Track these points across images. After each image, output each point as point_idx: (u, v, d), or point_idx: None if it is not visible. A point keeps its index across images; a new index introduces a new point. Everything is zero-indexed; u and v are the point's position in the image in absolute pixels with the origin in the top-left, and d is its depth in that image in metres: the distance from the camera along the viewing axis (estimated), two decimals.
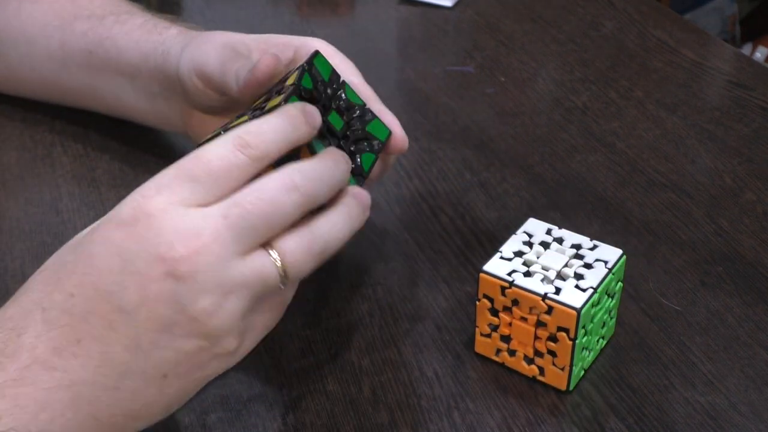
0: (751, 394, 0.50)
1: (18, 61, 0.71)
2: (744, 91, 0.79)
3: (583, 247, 0.52)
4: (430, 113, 0.76)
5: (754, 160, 0.70)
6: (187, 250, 0.39)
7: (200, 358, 0.41)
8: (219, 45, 0.57)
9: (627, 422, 0.49)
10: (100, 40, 0.66)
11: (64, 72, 0.69)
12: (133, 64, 0.64)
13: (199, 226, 0.39)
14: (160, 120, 0.67)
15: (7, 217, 0.64)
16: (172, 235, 0.39)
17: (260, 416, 0.49)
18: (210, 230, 0.39)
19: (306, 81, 0.49)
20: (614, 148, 0.71)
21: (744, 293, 0.57)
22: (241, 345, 0.42)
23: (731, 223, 0.63)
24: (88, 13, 0.68)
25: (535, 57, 0.85)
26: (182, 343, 0.40)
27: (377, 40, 0.89)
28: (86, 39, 0.67)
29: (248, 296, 0.41)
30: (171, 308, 0.39)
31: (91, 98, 0.70)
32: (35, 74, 0.71)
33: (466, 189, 0.67)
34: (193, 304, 0.39)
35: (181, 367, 0.40)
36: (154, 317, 0.39)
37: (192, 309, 0.39)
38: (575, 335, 0.48)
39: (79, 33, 0.67)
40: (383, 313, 0.56)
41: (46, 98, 0.73)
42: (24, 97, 0.75)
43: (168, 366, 0.40)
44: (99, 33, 0.66)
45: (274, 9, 0.94)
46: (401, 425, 0.49)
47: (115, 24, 0.66)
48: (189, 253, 0.39)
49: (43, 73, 0.70)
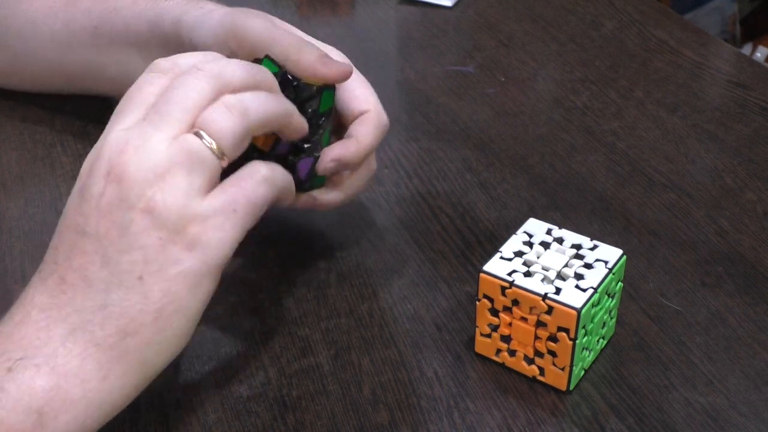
0: (751, 394, 0.50)
1: (22, 49, 0.71)
2: (744, 91, 0.79)
3: (583, 247, 0.51)
4: (430, 113, 0.76)
5: (754, 160, 0.70)
6: (117, 154, 0.43)
7: (167, 251, 0.43)
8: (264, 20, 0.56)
9: (627, 422, 0.49)
10: (105, 13, 0.66)
11: (70, 53, 0.69)
12: (141, 33, 0.64)
13: (125, 133, 0.44)
14: None
15: (7, 217, 0.64)
16: (105, 150, 0.44)
17: (260, 416, 0.49)
18: (133, 133, 0.44)
19: None
20: (614, 148, 0.71)
21: (744, 293, 0.57)
22: (206, 231, 0.44)
23: (731, 223, 0.63)
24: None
25: (535, 57, 0.85)
26: (143, 239, 0.43)
27: (377, 40, 0.89)
28: (91, 15, 0.67)
29: (185, 173, 0.44)
30: (120, 210, 0.43)
31: (98, 77, 0.70)
32: (39, 60, 0.71)
33: (466, 189, 0.67)
34: (138, 198, 0.43)
35: (152, 265, 0.43)
36: (111, 226, 0.43)
37: (138, 203, 0.43)
38: (575, 335, 0.48)
39: (84, 10, 0.67)
40: (383, 313, 0.56)
41: (50, 86, 0.73)
42: (27, 90, 0.75)
43: (139, 266, 0.43)
44: (105, 7, 0.66)
45: (274, 9, 0.94)
46: (401, 425, 0.49)
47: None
48: (119, 157, 0.43)
49: (48, 57, 0.70)
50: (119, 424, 0.49)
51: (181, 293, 0.44)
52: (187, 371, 0.52)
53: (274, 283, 0.58)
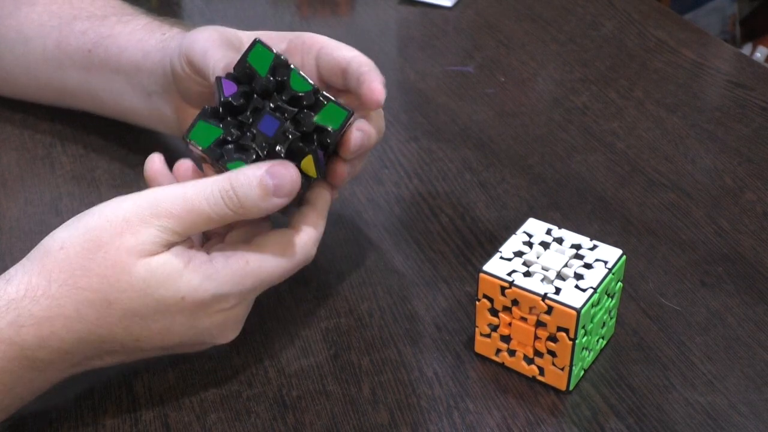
0: (751, 394, 0.50)
1: (14, 63, 0.71)
2: (744, 91, 0.79)
3: (583, 247, 0.52)
4: (430, 113, 0.76)
5: (754, 160, 0.70)
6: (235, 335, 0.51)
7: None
8: (210, 32, 0.57)
9: (627, 422, 0.49)
10: (100, 38, 0.66)
11: (60, 72, 0.69)
12: (133, 61, 0.64)
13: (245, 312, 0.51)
14: (155, 119, 0.66)
15: (7, 217, 0.64)
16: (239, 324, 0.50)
17: (260, 416, 0.49)
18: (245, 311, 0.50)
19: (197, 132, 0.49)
20: (614, 148, 0.71)
21: (744, 293, 0.57)
22: None
23: (731, 223, 0.63)
24: (88, 14, 0.68)
25: (535, 57, 0.85)
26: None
27: (377, 40, 0.89)
28: (85, 38, 0.67)
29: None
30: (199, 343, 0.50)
31: (88, 99, 0.70)
32: (31, 76, 0.71)
33: (466, 189, 0.67)
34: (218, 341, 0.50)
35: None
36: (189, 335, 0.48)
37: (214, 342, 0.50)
38: (575, 335, 0.48)
39: (78, 32, 0.67)
40: (383, 313, 0.56)
41: (43, 101, 0.73)
42: (21, 100, 0.75)
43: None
44: (100, 32, 0.66)
45: (274, 9, 0.94)
46: (401, 425, 0.49)
47: (118, 24, 0.66)
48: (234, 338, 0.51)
49: (39, 74, 0.70)
50: (119, 424, 0.49)
51: None
52: (187, 371, 0.52)
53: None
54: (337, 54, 0.55)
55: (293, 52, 0.58)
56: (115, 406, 0.50)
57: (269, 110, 0.50)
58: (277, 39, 0.58)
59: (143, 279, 0.45)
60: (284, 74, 0.50)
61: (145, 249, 0.45)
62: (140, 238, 0.45)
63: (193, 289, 0.46)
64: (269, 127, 0.49)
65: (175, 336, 0.47)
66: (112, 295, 0.45)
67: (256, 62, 0.50)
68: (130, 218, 0.45)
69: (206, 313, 0.47)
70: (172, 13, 0.93)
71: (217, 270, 0.46)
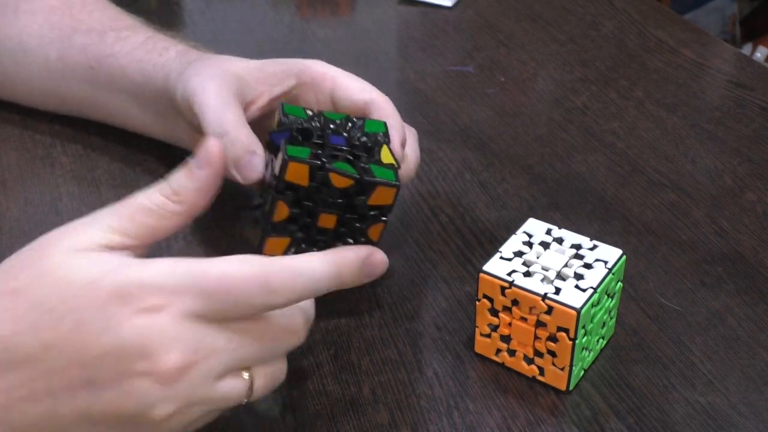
0: (751, 394, 0.50)
1: (15, 71, 0.71)
2: (744, 91, 0.79)
3: (583, 247, 0.52)
4: (430, 113, 0.76)
5: (754, 160, 0.70)
6: (182, 362, 0.39)
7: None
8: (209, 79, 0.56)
9: (627, 422, 0.49)
10: (101, 57, 0.65)
11: (65, 83, 0.69)
12: (136, 83, 0.64)
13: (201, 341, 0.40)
14: (167, 136, 0.66)
15: (7, 217, 0.64)
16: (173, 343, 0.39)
17: (260, 416, 0.49)
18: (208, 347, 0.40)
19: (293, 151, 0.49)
20: (614, 148, 0.71)
21: (744, 293, 0.57)
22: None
23: (731, 223, 0.63)
24: (87, 27, 0.67)
25: (535, 57, 0.85)
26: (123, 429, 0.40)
27: (377, 40, 0.89)
28: (87, 54, 0.66)
29: (206, 410, 0.42)
30: (135, 403, 0.39)
31: (94, 111, 0.70)
32: (33, 85, 0.71)
33: (466, 189, 0.67)
34: (159, 408, 0.40)
35: None
36: (117, 405, 0.39)
37: (152, 413, 0.40)
38: (575, 335, 0.48)
39: (79, 47, 0.67)
40: (383, 313, 0.56)
41: (46, 107, 0.72)
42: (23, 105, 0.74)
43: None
44: (100, 50, 0.66)
45: (274, 9, 0.94)
46: (401, 425, 0.49)
47: (117, 41, 0.65)
48: (179, 366, 0.39)
49: (42, 83, 0.70)
50: None
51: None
52: None
53: None
54: (356, 98, 0.57)
55: (305, 90, 0.59)
56: None
57: (334, 127, 0.52)
58: (283, 75, 0.58)
59: (59, 264, 0.40)
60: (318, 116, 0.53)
61: (80, 245, 0.41)
62: (79, 236, 0.41)
63: (111, 270, 0.39)
64: (337, 140, 0.51)
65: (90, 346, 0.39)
66: (23, 283, 0.40)
67: (292, 113, 0.53)
68: (77, 223, 0.42)
69: (126, 307, 0.39)
70: (173, 14, 0.93)
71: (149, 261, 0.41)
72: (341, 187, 0.49)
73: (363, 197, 0.49)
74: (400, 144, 0.55)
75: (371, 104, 0.57)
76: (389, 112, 0.56)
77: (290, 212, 0.49)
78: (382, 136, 0.53)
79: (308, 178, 0.48)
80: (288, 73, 0.59)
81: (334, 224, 0.50)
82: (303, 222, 0.50)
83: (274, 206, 0.49)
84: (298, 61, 0.60)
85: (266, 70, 0.59)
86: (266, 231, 0.50)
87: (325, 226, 0.50)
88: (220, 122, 0.54)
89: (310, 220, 0.50)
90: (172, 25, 0.91)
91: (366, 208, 0.50)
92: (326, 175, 0.48)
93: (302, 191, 0.49)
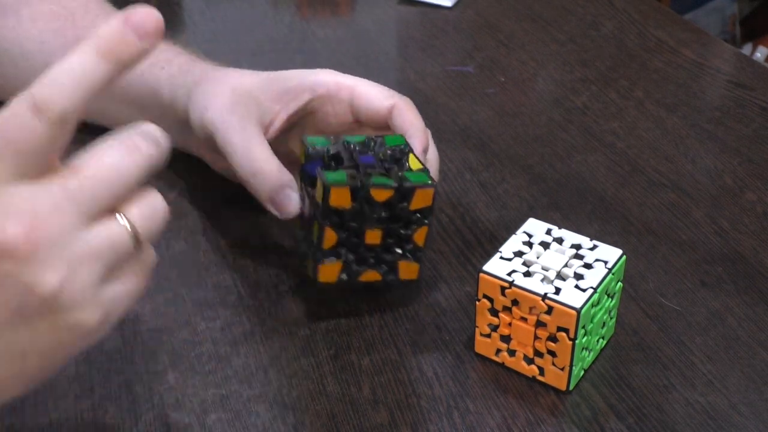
0: (751, 394, 0.50)
1: (14, 75, 0.71)
2: (744, 91, 0.79)
3: (583, 247, 0.52)
4: (430, 113, 0.76)
5: (754, 160, 0.70)
6: (23, 227, 0.36)
7: (60, 335, 0.39)
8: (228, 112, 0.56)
9: (627, 422, 0.49)
10: None
11: None
12: (141, 96, 0.64)
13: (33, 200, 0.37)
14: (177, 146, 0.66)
15: None
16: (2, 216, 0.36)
17: (260, 416, 0.49)
18: (46, 203, 0.37)
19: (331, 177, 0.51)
20: (614, 148, 0.71)
21: (744, 293, 0.57)
22: (105, 317, 0.40)
23: (731, 223, 0.63)
24: None
25: (535, 57, 0.85)
26: (36, 323, 0.38)
27: (377, 40, 0.89)
28: None
29: (99, 266, 0.38)
30: (17, 291, 0.37)
31: (99, 117, 0.70)
32: None
33: (466, 189, 0.67)
34: (40, 283, 0.37)
35: (40, 345, 0.39)
36: (3, 302, 0.37)
37: (40, 289, 0.37)
38: (575, 335, 0.48)
39: None
40: (383, 313, 0.56)
41: None
42: None
43: (26, 345, 0.39)
44: None
45: (274, 9, 0.94)
46: (401, 425, 0.49)
47: None
48: (25, 231, 0.36)
49: None
50: (119, 424, 0.49)
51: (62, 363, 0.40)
52: (187, 371, 0.52)
53: (274, 283, 0.58)
54: (378, 105, 0.58)
55: (321, 103, 0.59)
56: (115, 406, 0.50)
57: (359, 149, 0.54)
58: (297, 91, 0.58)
59: None
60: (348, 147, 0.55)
61: None
62: None
63: None
64: (366, 158, 0.53)
65: None
66: None
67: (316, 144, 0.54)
68: None
69: None
70: (173, 14, 0.93)
71: None
72: (382, 200, 0.51)
73: (404, 203, 0.51)
74: (422, 151, 0.56)
75: (394, 110, 0.57)
76: (413, 117, 0.57)
77: (338, 236, 0.51)
78: (403, 147, 0.55)
79: (351, 200, 0.50)
80: (301, 88, 0.58)
81: (380, 239, 0.52)
82: (351, 243, 0.52)
83: (322, 234, 0.51)
84: (308, 74, 0.59)
85: (279, 87, 0.58)
86: (318, 259, 0.52)
87: (372, 242, 0.52)
88: (250, 163, 0.55)
89: (357, 240, 0.52)
90: (172, 25, 0.91)
91: (409, 213, 0.52)
92: (367, 192, 0.50)
93: (346, 214, 0.51)
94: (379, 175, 0.52)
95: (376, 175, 0.51)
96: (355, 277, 0.53)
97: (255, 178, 0.55)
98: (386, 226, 0.52)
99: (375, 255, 0.53)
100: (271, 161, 0.55)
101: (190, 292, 0.57)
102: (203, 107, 0.58)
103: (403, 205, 0.51)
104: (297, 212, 0.55)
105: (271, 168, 0.55)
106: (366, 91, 0.58)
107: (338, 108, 0.59)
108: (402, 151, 0.54)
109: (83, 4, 0.69)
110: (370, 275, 0.53)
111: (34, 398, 0.50)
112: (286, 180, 0.55)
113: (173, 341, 0.54)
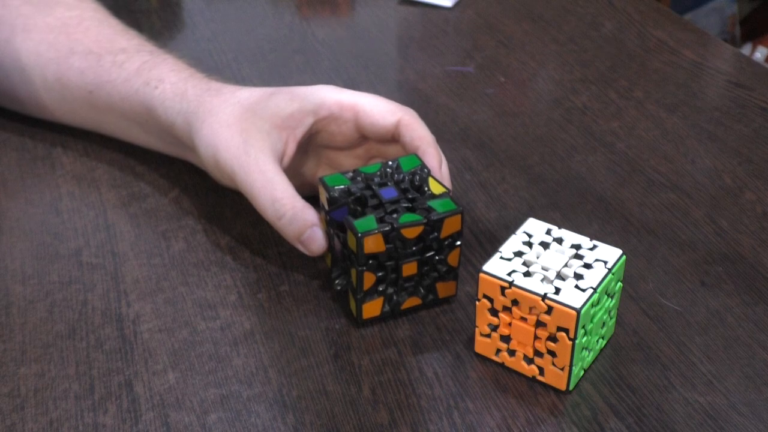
0: (751, 394, 0.50)
1: (10, 88, 0.71)
2: (744, 91, 0.79)
3: (583, 247, 0.52)
4: (430, 113, 0.76)
5: (754, 160, 0.70)
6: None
7: None
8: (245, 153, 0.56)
9: (627, 422, 0.49)
10: (100, 82, 0.65)
11: (65, 103, 0.68)
12: (137, 112, 0.64)
13: None
14: (177, 156, 0.66)
15: (7, 217, 0.64)
16: None
17: (260, 416, 0.49)
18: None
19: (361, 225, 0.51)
20: (614, 148, 0.71)
21: (744, 293, 0.57)
22: None
23: (731, 223, 0.63)
24: (84, 49, 0.66)
25: (535, 57, 0.85)
26: None
27: (377, 40, 0.89)
28: (85, 78, 0.66)
29: None
30: None
31: (96, 128, 0.70)
32: (32, 101, 0.70)
33: (466, 189, 0.67)
34: None
35: None
36: None
37: None
38: (575, 335, 0.48)
39: (77, 70, 0.66)
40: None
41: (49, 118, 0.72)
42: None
43: None
44: (98, 75, 0.65)
45: (274, 9, 0.94)
46: (401, 425, 0.49)
47: (113, 67, 0.65)
48: None
49: (41, 101, 0.70)
50: (119, 424, 0.49)
51: None
52: (187, 371, 0.52)
53: (274, 283, 0.58)
54: (383, 123, 0.58)
55: (326, 124, 0.59)
56: (115, 406, 0.50)
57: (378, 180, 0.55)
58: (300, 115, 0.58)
59: None
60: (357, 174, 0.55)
61: None
62: None
63: None
64: (389, 192, 0.54)
65: None
66: None
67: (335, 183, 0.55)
68: None
69: None
70: (173, 14, 0.93)
71: None
72: (414, 237, 0.52)
73: (435, 234, 0.52)
74: (438, 168, 0.57)
75: (401, 126, 0.57)
76: (422, 131, 0.58)
77: (377, 277, 0.52)
78: (420, 169, 0.55)
79: (384, 243, 0.51)
80: (304, 111, 0.58)
81: (416, 269, 0.53)
82: (390, 279, 0.53)
83: (361, 278, 0.52)
84: (308, 94, 0.59)
85: (282, 111, 0.58)
86: (361, 300, 0.53)
87: (409, 273, 0.53)
88: (273, 206, 0.55)
89: (395, 275, 0.53)
90: (172, 25, 0.91)
91: (441, 241, 0.53)
92: (398, 233, 0.51)
93: (381, 256, 0.52)
94: (405, 210, 0.52)
95: (403, 211, 0.52)
96: (398, 306, 0.54)
97: (281, 221, 0.55)
98: (421, 257, 0.53)
99: (414, 283, 0.54)
100: (296, 202, 0.55)
101: (190, 292, 0.57)
102: (214, 147, 0.57)
103: (434, 235, 0.52)
104: (324, 250, 0.55)
105: (295, 207, 0.55)
106: (370, 109, 0.58)
107: (343, 127, 0.59)
108: (420, 174, 0.55)
109: (78, 15, 0.69)
110: (411, 302, 0.54)
111: (34, 398, 0.50)
112: (310, 219, 0.55)
113: (173, 341, 0.54)
